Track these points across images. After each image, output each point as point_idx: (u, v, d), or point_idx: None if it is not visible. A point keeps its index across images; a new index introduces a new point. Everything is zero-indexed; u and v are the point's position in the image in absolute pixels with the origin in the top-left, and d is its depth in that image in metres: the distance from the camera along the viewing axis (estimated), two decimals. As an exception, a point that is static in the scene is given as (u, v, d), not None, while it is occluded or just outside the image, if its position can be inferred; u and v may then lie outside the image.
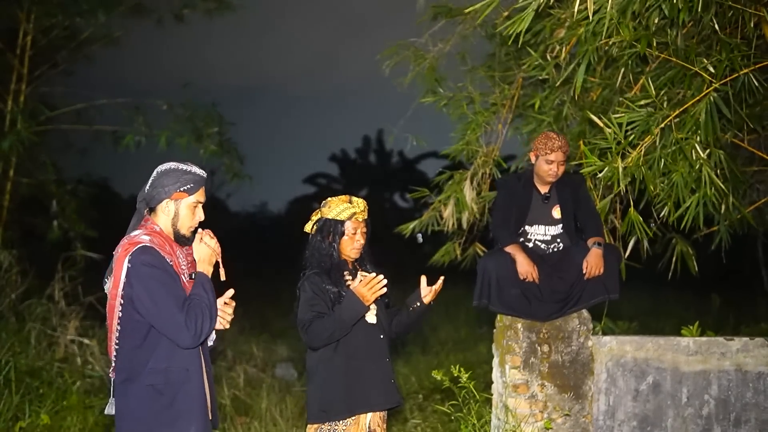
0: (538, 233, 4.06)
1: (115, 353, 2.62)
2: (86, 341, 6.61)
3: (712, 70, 4.06)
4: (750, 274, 12.24)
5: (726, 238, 5.01)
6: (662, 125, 4.12)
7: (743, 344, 4.04)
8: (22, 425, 4.90)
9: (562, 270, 3.93)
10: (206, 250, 2.70)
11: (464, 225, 5.46)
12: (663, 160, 4.17)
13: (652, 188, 4.28)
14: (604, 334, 4.24)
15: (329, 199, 3.25)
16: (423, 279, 3.21)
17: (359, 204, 3.21)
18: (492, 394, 4.20)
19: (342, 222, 3.18)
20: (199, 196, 2.72)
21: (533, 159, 4.02)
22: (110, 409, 2.66)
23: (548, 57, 4.74)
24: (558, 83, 4.76)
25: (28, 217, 9.13)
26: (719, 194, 4.22)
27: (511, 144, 5.66)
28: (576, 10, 3.85)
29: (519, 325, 3.97)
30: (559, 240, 4.05)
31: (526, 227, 4.08)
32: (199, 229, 2.73)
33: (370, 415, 3.16)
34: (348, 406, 3.10)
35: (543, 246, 4.05)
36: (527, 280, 3.86)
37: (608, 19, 3.83)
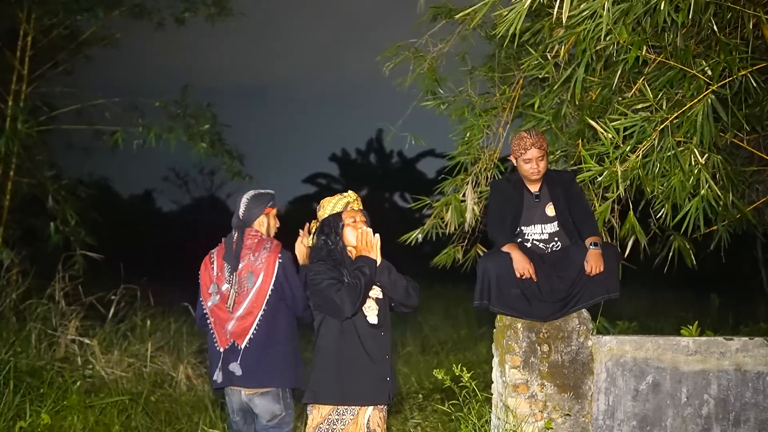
0: (535, 233, 4.07)
1: (256, 328, 3.54)
2: (87, 341, 6.62)
3: (709, 72, 4.07)
4: (749, 274, 12.25)
5: (726, 237, 5.02)
6: (660, 128, 4.13)
7: (742, 344, 4.05)
8: (22, 425, 4.90)
9: (562, 270, 3.93)
10: (304, 250, 3.60)
11: (466, 227, 5.48)
12: (660, 164, 4.18)
13: (648, 190, 4.30)
14: (599, 333, 4.24)
15: (321, 202, 3.38)
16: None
17: (350, 194, 3.34)
18: (492, 394, 4.20)
19: (339, 214, 3.26)
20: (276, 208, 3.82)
21: (514, 162, 4.05)
22: (238, 369, 3.54)
23: (548, 56, 4.74)
24: (558, 84, 4.77)
25: (28, 217, 9.14)
26: (717, 198, 4.24)
27: (511, 145, 5.66)
28: (568, 14, 3.85)
29: (519, 325, 3.98)
30: (557, 238, 4.06)
31: (523, 228, 4.09)
32: (301, 231, 3.66)
33: (368, 414, 3.18)
34: (336, 393, 3.16)
35: (542, 245, 4.06)
36: (524, 278, 3.86)
37: (605, 23, 3.84)
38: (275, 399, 3.57)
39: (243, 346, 3.55)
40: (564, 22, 3.91)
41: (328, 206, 3.32)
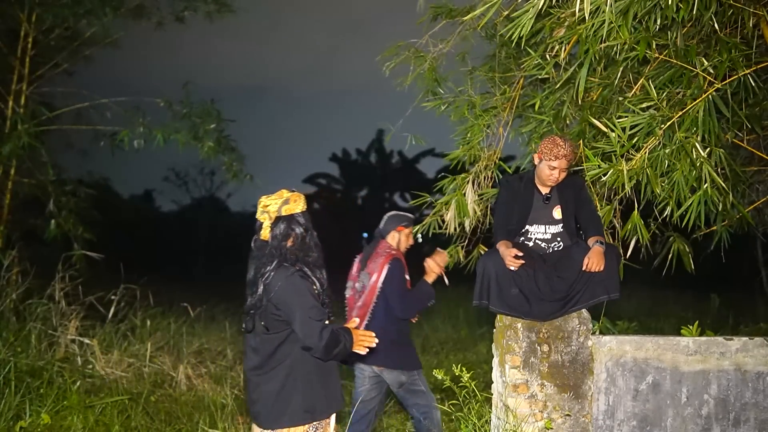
0: (539, 232, 4.08)
1: (368, 319, 4.40)
2: (87, 341, 6.61)
3: (711, 70, 4.08)
4: (749, 274, 12.26)
5: (726, 238, 5.02)
6: (665, 127, 4.13)
7: (742, 344, 4.05)
8: (22, 425, 4.90)
9: (562, 269, 3.93)
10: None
11: (467, 228, 5.47)
12: (665, 160, 4.19)
13: (659, 190, 4.30)
14: (602, 334, 4.24)
15: (291, 194, 3.17)
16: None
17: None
18: (492, 394, 4.20)
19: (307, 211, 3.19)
20: (411, 229, 4.68)
21: (536, 161, 4.03)
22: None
23: (548, 56, 4.74)
24: (558, 84, 4.77)
25: (28, 217, 9.14)
26: (720, 192, 4.24)
27: (511, 144, 5.67)
28: (576, 9, 3.88)
29: (519, 325, 3.98)
30: (559, 239, 4.06)
31: (527, 227, 4.09)
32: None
33: (334, 415, 3.19)
34: (328, 406, 3.11)
35: (543, 245, 4.07)
36: (511, 268, 3.84)
37: (607, 22, 3.85)
38: (400, 371, 4.41)
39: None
40: (573, 20, 3.91)
41: (300, 202, 3.15)
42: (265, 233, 3.13)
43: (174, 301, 8.49)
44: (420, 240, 5.75)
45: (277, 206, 3.11)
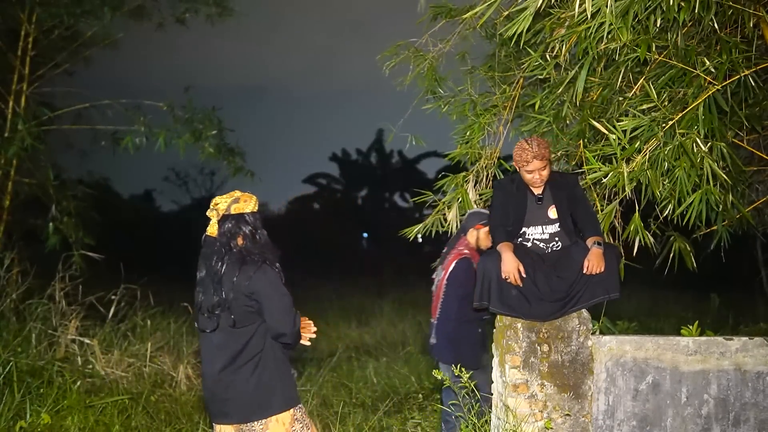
0: (536, 233, 4.08)
1: (440, 309, 4.67)
2: (87, 341, 6.62)
3: (713, 70, 4.08)
4: (749, 274, 12.25)
5: (726, 238, 5.02)
6: (666, 127, 4.13)
7: (742, 344, 4.05)
8: (22, 425, 4.91)
9: (562, 269, 3.93)
10: None
11: None
12: (665, 160, 4.19)
13: (658, 193, 4.29)
14: (602, 334, 4.25)
15: (242, 194, 3.20)
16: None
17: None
18: (492, 394, 4.20)
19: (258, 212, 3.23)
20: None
21: (517, 169, 4.04)
22: (434, 340, 4.74)
23: (548, 56, 4.74)
24: (558, 84, 4.77)
25: (28, 217, 9.15)
26: (722, 188, 4.23)
27: (511, 143, 5.66)
28: (576, 11, 3.88)
29: (519, 325, 3.97)
30: (557, 238, 4.06)
31: (524, 228, 4.09)
32: None
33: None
34: (297, 395, 3.22)
35: (542, 245, 4.06)
36: (508, 280, 3.85)
37: (608, 23, 3.85)
38: (447, 367, 4.52)
39: (434, 323, 4.74)
40: (574, 20, 3.90)
41: (252, 202, 3.19)
42: (212, 230, 3.19)
43: (174, 301, 8.48)
44: (420, 240, 5.74)
45: (227, 204, 3.17)
